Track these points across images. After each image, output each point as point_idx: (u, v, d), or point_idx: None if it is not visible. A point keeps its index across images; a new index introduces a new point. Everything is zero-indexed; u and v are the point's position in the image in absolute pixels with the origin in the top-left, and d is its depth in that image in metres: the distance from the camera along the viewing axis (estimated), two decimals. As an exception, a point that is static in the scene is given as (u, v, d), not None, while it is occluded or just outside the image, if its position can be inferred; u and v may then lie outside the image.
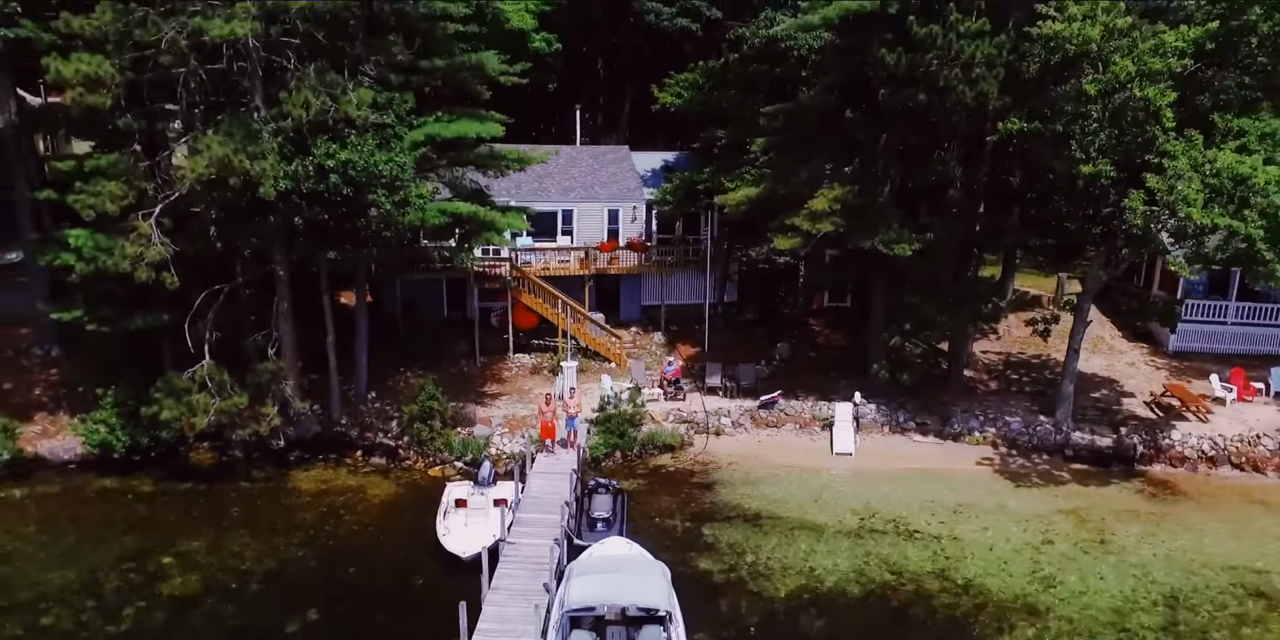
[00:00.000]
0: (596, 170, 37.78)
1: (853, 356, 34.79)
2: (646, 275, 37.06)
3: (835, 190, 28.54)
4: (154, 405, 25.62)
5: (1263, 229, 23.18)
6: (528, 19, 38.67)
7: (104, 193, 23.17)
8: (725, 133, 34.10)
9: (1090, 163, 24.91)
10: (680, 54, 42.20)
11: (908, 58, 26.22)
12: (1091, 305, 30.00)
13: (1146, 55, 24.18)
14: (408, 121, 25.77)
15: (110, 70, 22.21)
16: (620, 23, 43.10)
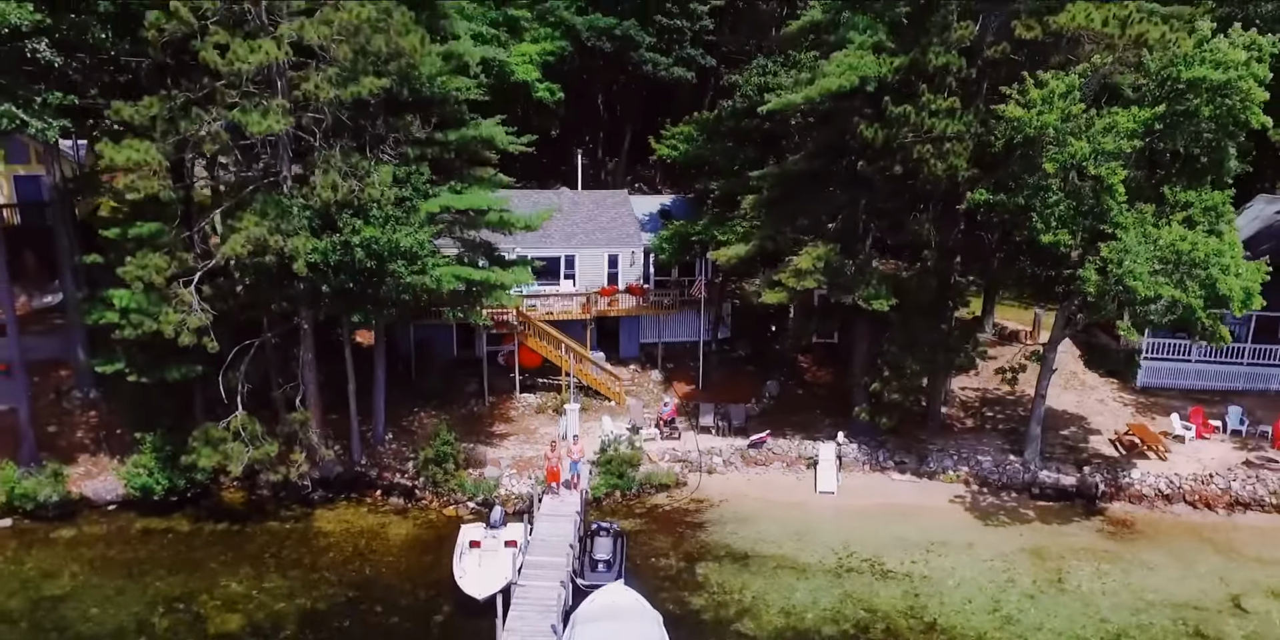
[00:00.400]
0: (597, 215, 40.07)
1: (838, 394, 37.13)
2: (645, 316, 39.38)
3: (819, 248, 30.85)
4: (192, 453, 28.01)
5: (1202, 298, 25.52)
6: (531, 72, 40.93)
7: (150, 266, 25.52)
8: (718, 185, 36.42)
9: (1050, 232, 27.22)
10: (677, 98, 44.47)
11: (884, 133, 28.53)
12: (1066, 341, 32.25)
13: (1100, 135, 26.52)
14: (424, 191, 28.09)
15: (158, 157, 24.53)
16: (619, 71, 45.37)
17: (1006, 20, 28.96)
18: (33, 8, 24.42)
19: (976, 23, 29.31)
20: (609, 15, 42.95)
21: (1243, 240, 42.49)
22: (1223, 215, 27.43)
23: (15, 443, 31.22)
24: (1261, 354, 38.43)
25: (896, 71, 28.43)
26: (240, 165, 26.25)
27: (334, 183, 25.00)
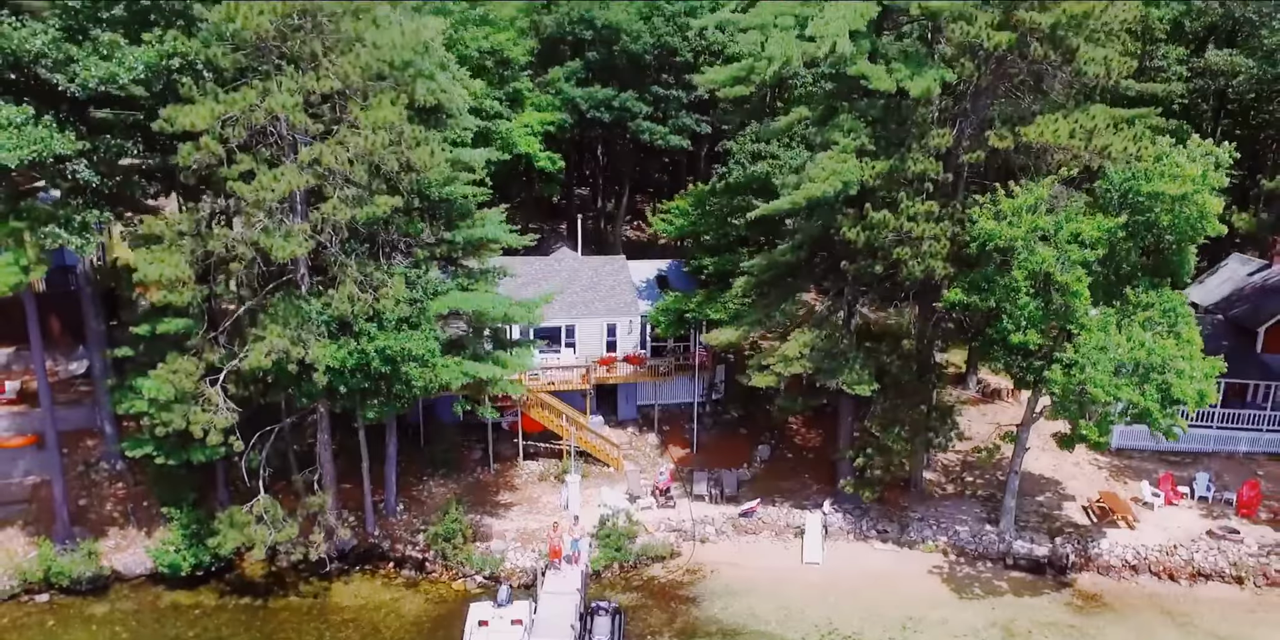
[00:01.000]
0: (596, 283, 41.95)
1: (825, 457, 39.09)
2: (642, 382, 41.32)
3: (805, 335, 32.79)
4: (218, 536, 30.02)
5: (1159, 402, 27.45)
6: (534, 144, 42.79)
7: (180, 370, 27.45)
8: (711, 262, 38.31)
9: (1020, 332, 29.15)
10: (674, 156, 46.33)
11: (865, 234, 30.40)
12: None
13: (1065, 242, 28.41)
14: (432, 290, 30.02)
15: (188, 273, 26.44)
16: (618, 140, 47.22)
17: (981, 128, 30.82)
18: (74, 136, 26.29)
19: (954, 127, 31.20)
20: (607, 85, 44.80)
21: (1214, 302, 45.15)
22: (1182, 315, 29.31)
23: (50, 517, 33.24)
24: (1230, 418, 40.30)
25: (877, 177, 30.26)
26: (263, 275, 28.06)
27: (351, 295, 26.92)
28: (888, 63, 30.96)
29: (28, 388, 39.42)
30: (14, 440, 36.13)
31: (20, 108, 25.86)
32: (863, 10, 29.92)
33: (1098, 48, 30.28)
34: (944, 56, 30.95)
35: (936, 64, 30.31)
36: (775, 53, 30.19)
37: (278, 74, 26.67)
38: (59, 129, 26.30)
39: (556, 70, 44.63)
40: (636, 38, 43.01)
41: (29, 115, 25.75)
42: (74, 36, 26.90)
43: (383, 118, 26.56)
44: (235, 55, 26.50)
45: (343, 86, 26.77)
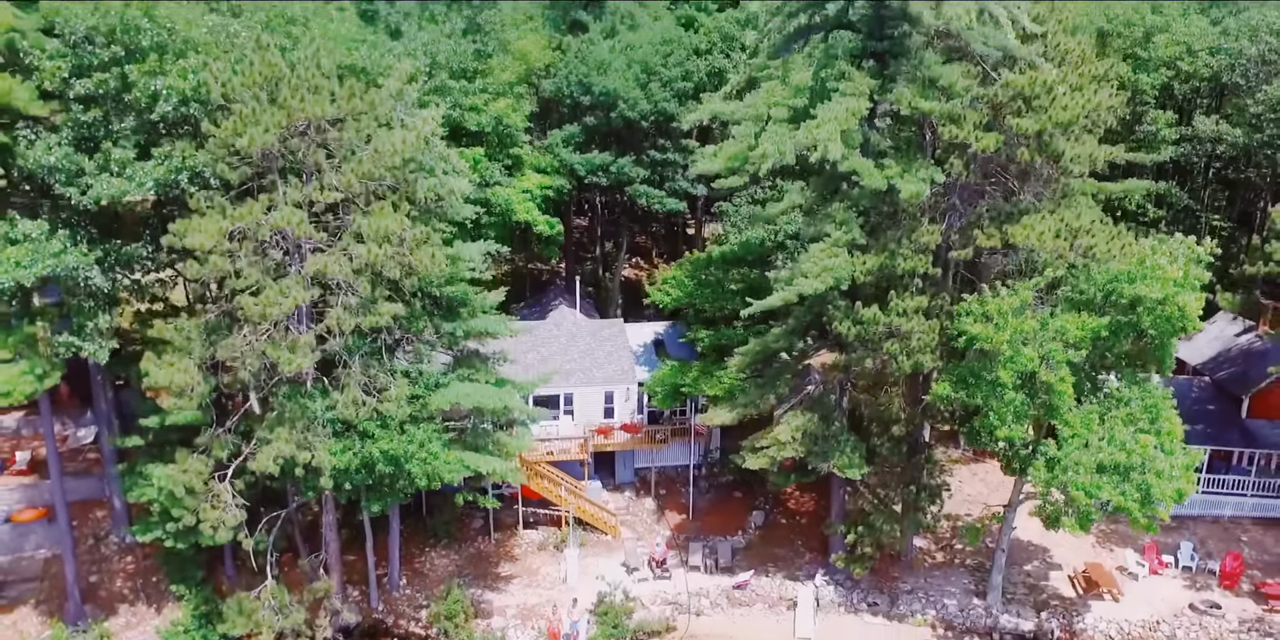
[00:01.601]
0: (594, 349, 42.76)
1: (818, 523, 39.94)
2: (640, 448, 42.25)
3: (798, 418, 33.61)
4: (227, 622, 30.92)
5: (1138, 501, 28.32)
6: (533, 210, 43.56)
7: (190, 471, 28.31)
8: (707, 336, 39.14)
9: (1006, 427, 29.99)
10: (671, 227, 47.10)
11: (855, 328, 31.22)
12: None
13: (1050, 341, 29.24)
14: (433, 382, 30.87)
15: (198, 379, 27.26)
16: (616, 200, 47.99)
17: (969, 224, 31.60)
18: (86, 248, 27.10)
19: (943, 221, 31.98)
20: (605, 148, 45.54)
21: (1202, 361, 45.91)
22: (1163, 411, 30.14)
23: (62, 595, 34.13)
24: (1215, 483, 41.17)
25: (868, 273, 31.05)
26: (269, 378, 28.84)
27: (355, 399, 27.75)
28: (880, 156, 31.78)
29: (38, 456, 40.34)
30: (26, 514, 37.05)
31: (36, 222, 26.68)
32: (854, 109, 30.61)
33: (1082, 145, 31.06)
34: (934, 153, 31.71)
35: (926, 161, 31.08)
36: (770, 149, 30.87)
37: (283, 183, 27.48)
38: (72, 241, 27.12)
39: (555, 134, 45.36)
40: (633, 105, 43.71)
41: (44, 230, 26.56)
42: (85, 146, 27.72)
43: (385, 227, 27.34)
44: (242, 167, 27.26)
45: (345, 196, 27.56)
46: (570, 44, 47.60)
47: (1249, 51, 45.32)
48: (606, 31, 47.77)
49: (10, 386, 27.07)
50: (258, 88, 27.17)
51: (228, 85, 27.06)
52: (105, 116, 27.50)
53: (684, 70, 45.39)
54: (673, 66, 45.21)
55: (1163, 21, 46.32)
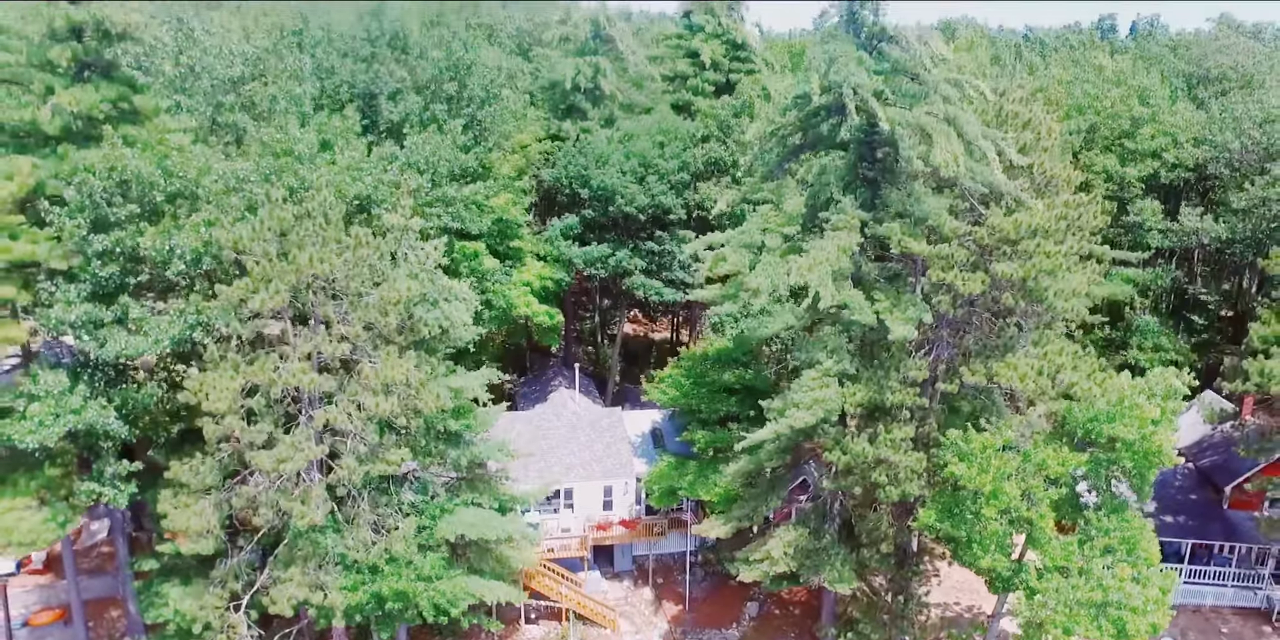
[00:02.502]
0: (593, 441, 43.91)
1: (812, 618, 41.19)
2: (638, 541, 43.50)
3: (790, 533, 34.82)
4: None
5: (1114, 636, 29.54)
6: (533, 304, 44.62)
7: (207, 606, 29.49)
8: (702, 437, 40.28)
9: (989, 556, 31.18)
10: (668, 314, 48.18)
11: (845, 457, 32.36)
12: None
13: (1030, 476, 30.41)
14: (439, 510, 32.03)
15: (214, 523, 28.40)
16: (614, 294, 49.08)
17: (955, 357, 32.72)
18: (105, 401, 28.20)
19: (930, 353, 33.09)
20: (604, 238, 46.57)
21: (1186, 445, 47.05)
22: (1140, 541, 31.32)
23: (79, 706, 35.36)
24: (1195, 573, 42.42)
25: (858, 405, 32.18)
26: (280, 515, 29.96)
27: (365, 541, 28.91)
28: (870, 286, 32.88)
29: (53, 553, 41.50)
30: (43, 617, 38.22)
31: (56, 375, 27.75)
32: (845, 246, 31.67)
33: (1065, 280, 32.13)
34: (922, 284, 32.80)
35: (915, 297, 32.15)
36: (763, 284, 31.98)
37: (293, 333, 28.55)
38: (90, 393, 28.21)
39: (555, 226, 46.36)
40: (631, 200, 44.72)
41: (65, 385, 27.64)
42: (102, 297, 28.79)
43: (392, 376, 28.44)
44: (254, 321, 28.32)
45: (353, 347, 28.65)
46: (569, 130, 48.52)
47: (1232, 145, 46.36)
48: (604, 119, 48.70)
49: (34, 536, 28.18)
50: (268, 243, 28.22)
51: (239, 242, 28.10)
52: (123, 271, 28.54)
53: (681, 162, 46.37)
54: (670, 158, 46.19)
55: (1150, 112, 47.28)
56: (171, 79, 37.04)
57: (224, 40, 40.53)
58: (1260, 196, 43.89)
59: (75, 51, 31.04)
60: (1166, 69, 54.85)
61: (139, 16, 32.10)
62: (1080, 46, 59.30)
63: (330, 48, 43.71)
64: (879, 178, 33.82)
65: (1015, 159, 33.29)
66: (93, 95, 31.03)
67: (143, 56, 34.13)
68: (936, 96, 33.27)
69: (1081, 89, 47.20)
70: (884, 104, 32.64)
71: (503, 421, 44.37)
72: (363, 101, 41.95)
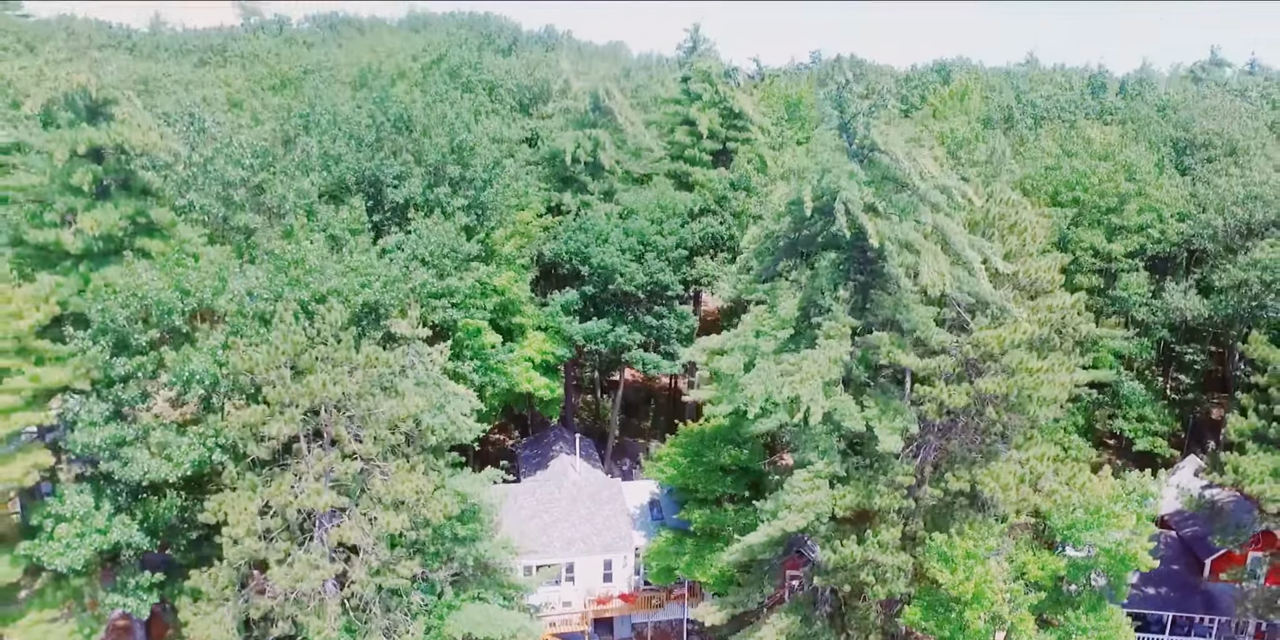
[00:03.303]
0: (594, 514, 45.31)
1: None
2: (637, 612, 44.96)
3: (782, 621, 36.24)
4: None
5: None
6: (535, 380, 45.96)
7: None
8: (701, 517, 41.66)
9: (972, 655, 32.65)
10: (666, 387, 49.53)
11: (835, 557, 33.76)
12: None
13: (1012, 583, 31.85)
14: (446, 607, 33.48)
15: (234, 630, 29.80)
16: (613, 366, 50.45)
17: (940, 462, 34.09)
18: (128, 518, 29.57)
19: (916, 457, 34.45)
20: (603, 312, 47.88)
21: (1170, 512, 48.44)
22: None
23: None
24: (1175, 645, 43.94)
25: (847, 508, 33.55)
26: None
27: (375, 650, 30.34)
28: (860, 391, 34.21)
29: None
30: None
31: (82, 496, 29.12)
32: (836, 357, 32.97)
33: (1049, 384, 33.47)
34: (911, 388, 34.14)
35: (903, 404, 33.47)
36: (757, 392, 33.28)
37: (307, 451, 29.90)
38: (115, 510, 29.57)
39: (556, 300, 47.62)
40: (630, 279, 46.02)
41: (90, 507, 29.01)
42: (124, 415, 30.15)
43: (402, 491, 29.81)
44: (270, 441, 29.65)
45: (365, 465, 30.01)
46: (569, 203, 49.75)
47: (1215, 222, 47.65)
48: (604, 193, 49.92)
49: (62, 649, 29.63)
50: (282, 368, 29.56)
51: (254, 368, 29.41)
52: (144, 394, 29.87)
53: (679, 238, 47.64)
54: (668, 235, 47.46)
55: (1136, 187, 48.51)
56: (184, 178, 38.22)
57: (233, 131, 41.74)
58: (1240, 278, 45.19)
59: (96, 173, 32.37)
60: (1154, 135, 56.03)
61: (156, 136, 33.39)
62: (1070, 106, 60.45)
63: (336, 128, 44.86)
64: (869, 281, 35.14)
65: (1001, 267, 34.61)
66: (112, 215, 32.39)
67: (158, 162, 35.28)
68: (925, 205, 34.57)
69: (1070, 166, 48.42)
70: (873, 216, 33.88)
71: (506, 494, 45.98)
72: (368, 187, 43.16)
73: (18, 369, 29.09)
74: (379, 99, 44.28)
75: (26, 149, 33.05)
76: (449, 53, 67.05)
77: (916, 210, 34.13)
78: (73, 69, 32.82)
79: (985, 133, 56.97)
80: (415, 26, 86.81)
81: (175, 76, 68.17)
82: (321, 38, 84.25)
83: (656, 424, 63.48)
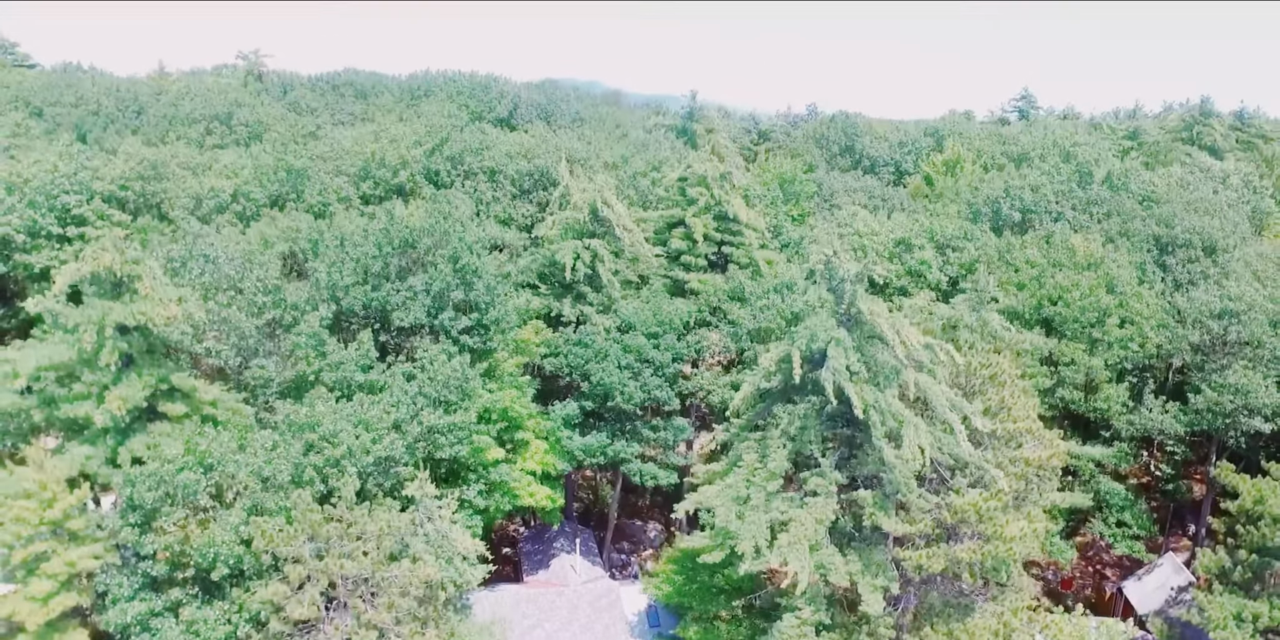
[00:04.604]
0: (593, 622, 47.34)
1: None
2: (635, 716, 47.09)
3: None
4: None
5: None
6: (538, 494, 47.86)
7: None
8: (698, 633, 43.68)
9: None
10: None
11: (822, 704, 35.83)
12: None
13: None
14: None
15: None
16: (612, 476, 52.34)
17: (919, 616, 36.07)
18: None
19: (897, 608, 36.43)
20: (601, 424, 49.73)
21: (1152, 609, 50.45)
22: None
23: None
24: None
25: (832, 658, 35.61)
26: None
27: None
28: (845, 543, 36.18)
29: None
30: None
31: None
32: (822, 518, 34.95)
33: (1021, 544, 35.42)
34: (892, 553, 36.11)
35: (885, 560, 35.43)
36: (748, 548, 35.25)
37: (326, 622, 31.85)
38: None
39: (556, 413, 49.41)
40: (629, 398, 47.85)
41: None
42: (153, 586, 32.06)
43: (414, 660, 31.80)
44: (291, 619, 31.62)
45: (380, 635, 31.97)
46: (569, 313, 51.45)
47: (1192, 337, 49.48)
48: (602, 305, 51.66)
49: None
50: (301, 546, 31.47)
51: (275, 547, 31.31)
52: (170, 571, 31.78)
53: (675, 353, 49.44)
54: (664, 350, 49.25)
55: (1118, 300, 50.25)
56: (199, 323, 39.93)
57: (245, 269, 43.46)
58: (1214, 400, 47.03)
59: (121, 350, 34.19)
60: (1137, 234, 57.71)
61: (177, 308, 35.17)
62: (1058, 198, 62.03)
63: (344, 251, 46.48)
64: (854, 435, 37.04)
65: (980, 426, 36.52)
66: (137, 391, 34.24)
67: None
68: (909, 366, 36.46)
69: (1053, 283, 50.18)
70: (859, 381, 35.73)
71: (510, 600, 48.06)
72: (374, 315, 44.94)
73: (54, 551, 31.04)
74: (384, 230, 45.92)
75: (60, 324, 34.70)
76: (450, 136, 68.58)
77: (899, 374, 36.01)
78: (99, 247, 34.59)
79: (972, 229, 58.70)
80: (415, 93, 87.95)
81: (182, 159, 69.81)
82: (325, 102, 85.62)
83: (654, 502, 65.44)
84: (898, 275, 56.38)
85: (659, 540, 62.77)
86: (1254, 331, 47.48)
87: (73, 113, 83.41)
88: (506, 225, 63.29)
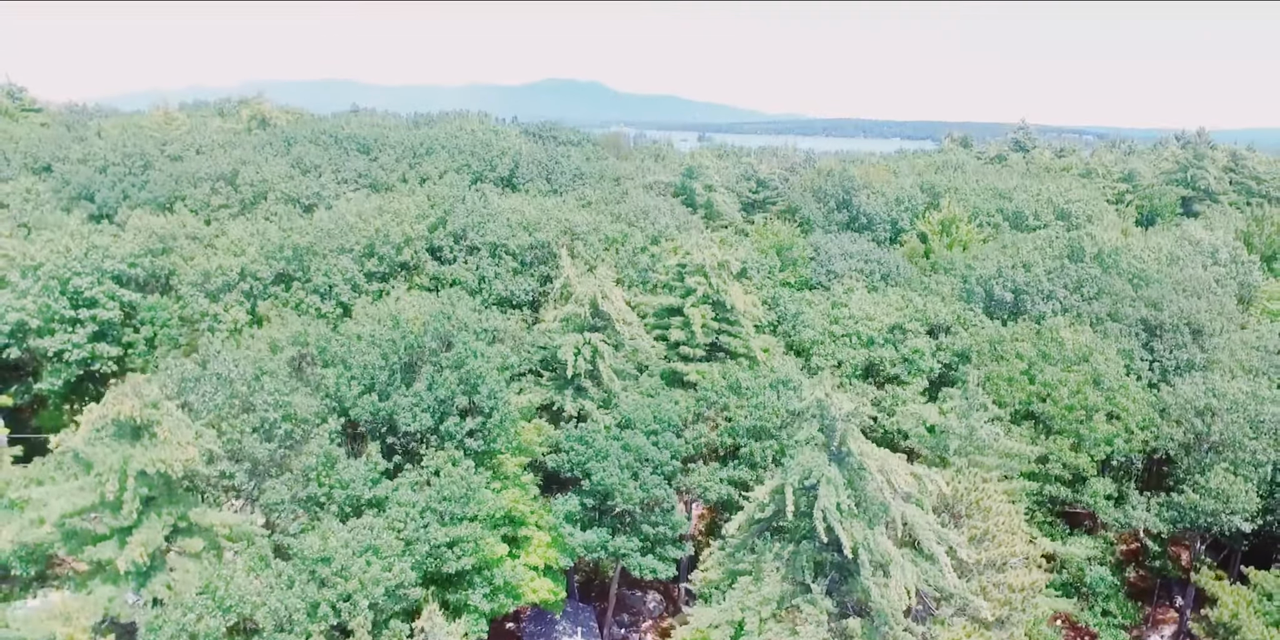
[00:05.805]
0: (595, 707, 49.05)
1: None
2: None
3: None
4: None
5: None
6: (540, 591, 49.41)
7: None
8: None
9: None
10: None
11: None
12: None
13: None
14: None
15: None
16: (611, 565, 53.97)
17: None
18: None
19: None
20: (602, 517, 51.23)
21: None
22: None
23: None
24: None
25: None
26: None
27: None
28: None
29: None
30: None
31: None
32: (811, 650, 36.55)
33: None
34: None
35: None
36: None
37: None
38: None
39: (559, 508, 50.89)
40: (629, 498, 49.32)
41: None
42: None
43: None
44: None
45: None
46: (569, 408, 52.91)
47: (1176, 435, 50.90)
48: (602, 401, 53.10)
49: None
50: (317, 692, 33.05)
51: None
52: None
53: (673, 451, 50.90)
54: (663, 448, 50.70)
55: (1104, 397, 51.67)
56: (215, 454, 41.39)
57: (256, 383, 44.88)
58: (1193, 501, 48.49)
59: (140, 495, 35.66)
60: (1126, 317, 59.04)
61: (194, 449, 36.65)
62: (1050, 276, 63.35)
63: (351, 357, 47.95)
64: (844, 563, 38.55)
65: (965, 557, 38.07)
66: (157, 533, 35.71)
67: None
68: (896, 499, 37.96)
69: (1041, 380, 51.59)
70: (848, 517, 37.22)
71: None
72: (381, 425, 46.42)
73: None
74: (390, 341, 47.33)
75: (89, 467, 36.14)
76: (453, 209, 69.88)
77: (887, 510, 37.52)
78: (120, 392, 36.03)
79: (965, 314, 60.05)
80: (418, 151, 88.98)
81: (190, 229, 71.18)
82: (329, 158, 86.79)
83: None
84: (892, 363, 57.77)
85: (659, 610, 64.36)
86: (1233, 433, 48.89)
87: (81, 170, 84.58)
88: (508, 303, 64.75)
